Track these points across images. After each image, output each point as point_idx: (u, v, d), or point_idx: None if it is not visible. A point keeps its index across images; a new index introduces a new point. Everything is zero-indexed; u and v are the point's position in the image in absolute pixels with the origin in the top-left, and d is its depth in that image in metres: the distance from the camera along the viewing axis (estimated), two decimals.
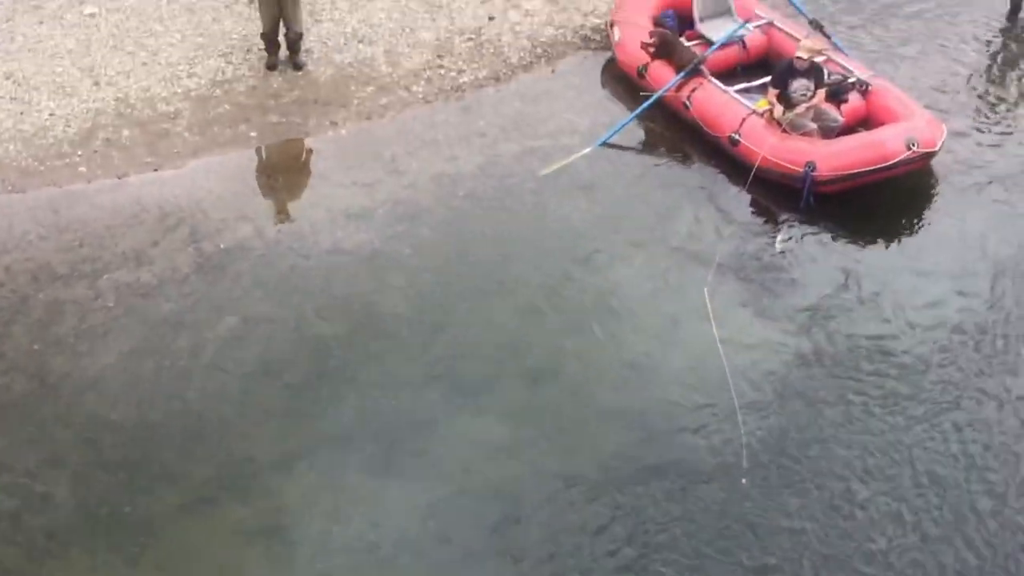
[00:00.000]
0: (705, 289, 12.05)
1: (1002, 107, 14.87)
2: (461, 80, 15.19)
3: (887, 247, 12.95)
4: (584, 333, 11.78)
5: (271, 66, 15.08)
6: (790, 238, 12.98)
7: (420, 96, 14.94)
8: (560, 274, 12.45)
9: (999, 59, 15.72)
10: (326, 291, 12.32)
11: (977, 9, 16.48)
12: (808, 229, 13.09)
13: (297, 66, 15.10)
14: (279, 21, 14.87)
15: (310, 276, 12.51)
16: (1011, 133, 14.41)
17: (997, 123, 14.60)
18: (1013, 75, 15.46)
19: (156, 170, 13.74)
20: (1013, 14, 16.23)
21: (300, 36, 15.05)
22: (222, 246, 12.80)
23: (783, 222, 13.18)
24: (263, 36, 15.01)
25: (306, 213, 13.35)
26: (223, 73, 15.05)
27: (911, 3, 16.69)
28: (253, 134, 14.28)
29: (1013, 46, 15.91)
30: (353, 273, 12.53)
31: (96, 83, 14.79)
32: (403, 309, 12.10)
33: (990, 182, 13.65)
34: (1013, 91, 15.16)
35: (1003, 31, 16.12)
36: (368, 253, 12.78)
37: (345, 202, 13.44)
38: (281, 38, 15.07)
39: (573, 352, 11.59)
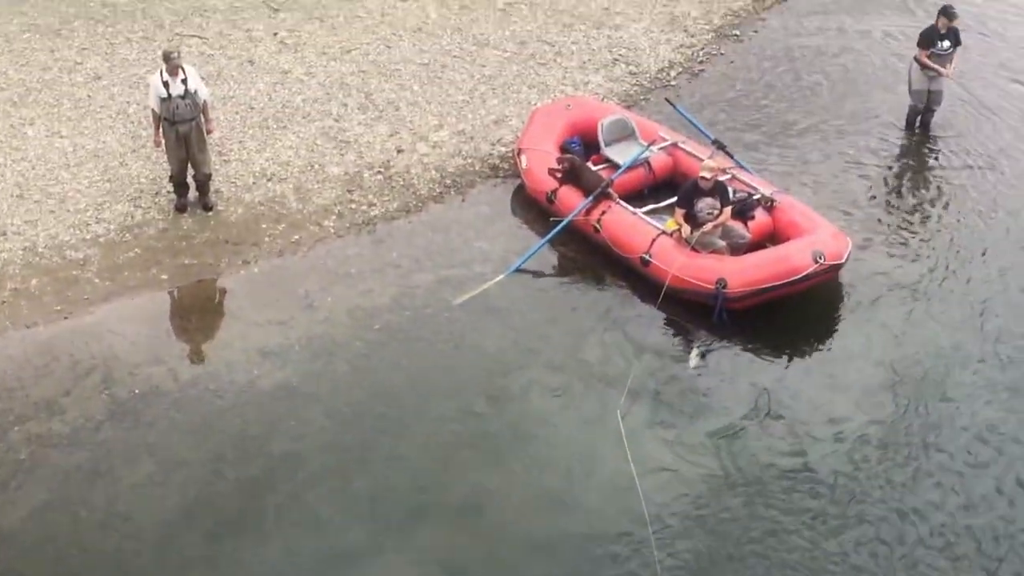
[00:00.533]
0: (619, 413, 12.09)
1: (900, 217, 15.21)
2: (372, 213, 15.26)
3: (797, 361, 13.09)
4: (503, 466, 11.72)
5: (181, 208, 15.07)
6: (703, 356, 13.08)
7: (332, 231, 14.97)
8: (478, 405, 12.42)
9: (895, 171, 16.13)
10: (244, 431, 12.17)
11: (871, 125, 16.95)
12: (720, 345, 13.23)
13: (207, 207, 15.11)
14: (187, 164, 14.90)
15: (227, 417, 12.35)
16: (907, 244, 14.71)
17: (897, 233, 14.92)
18: (908, 186, 15.85)
19: (66, 318, 13.57)
20: (908, 128, 16.69)
21: (208, 177, 15.08)
22: (136, 391, 12.62)
23: (695, 340, 13.30)
24: (172, 180, 15.01)
25: (221, 353, 13.24)
26: (132, 217, 14.99)
27: (808, 120, 17.14)
28: (164, 277, 14.19)
29: (907, 160, 16.33)
30: (271, 412, 12.40)
31: (2, 233, 14.65)
32: (323, 447, 11.97)
33: (893, 292, 13.92)
34: (910, 201, 15.53)
35: (898, 145, 16.55)
36: (285, 391, 12.67)
37: (260, 340, 13.35)
38: (190, 180, 15.07)
39: (493, 487, 11.52)
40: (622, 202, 14.56)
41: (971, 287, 13.93)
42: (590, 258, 14.59)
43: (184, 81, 14.45)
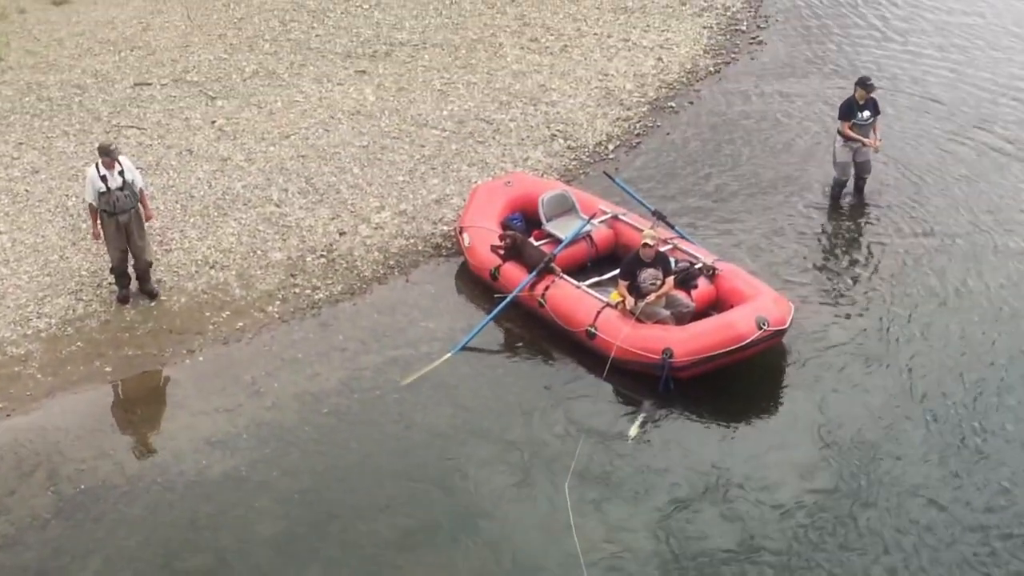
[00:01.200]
0: (567, 492, 12.05)
1: (837, 282, 15.37)
2: (316, 297, 15.24)
3: (743, 431, 13.14)
4: (455, 550, 11.63)
5: (123, 300, 15.00)
6: (644, 428, 13.10)
7: (276, 316, 14.93)
8: (429, 488, 12.35)
9: (830, 236, 16.32)
10: (194, 523, 12.03)
11: (806, 191, 17.16)
12: (667, 417, 13.29)
13: (151, 294, 15.05)
14: (127, 254, 14.86)
15: (176, 509, 12.21)
16: (844, 307, 14.86)
17: (835, 297, 15.08)
18: (843, 251, 16.03)
19: (8, 415, 13.40)
20: (833, 201, 16.85)
21: (149, 265, 15.03)
22: (83, 487, 12.46)
23: (640, 411, 13.32)
24: (112, 271, 14.95)
25: (168, 444, 13.10)
26: (74, 311, 14.88)
27: (745, 188, 17.35)
28: (108, 369, 14.07)
29: (840, 225, 16.53)
30: (220, 501, 12.27)
31: None
32: (274, 535, 11.85)
33: (834, 355, 14.05)
34: (845, 265, 15.70)
35: (832, 211, 16.75)
36: (234, 480, 12.55)
37: (207, 429, 13.24)
38: (131, 270, 14.99)
39: (446, 572, 11.44)
40: (565, 276, 14.64)
41: (906, 348, 14.09)
42: (536, 333, 14.63)
43: (121, 173, 14.50)
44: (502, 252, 15.02)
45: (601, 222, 15.59)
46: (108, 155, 14.43)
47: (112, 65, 20.36)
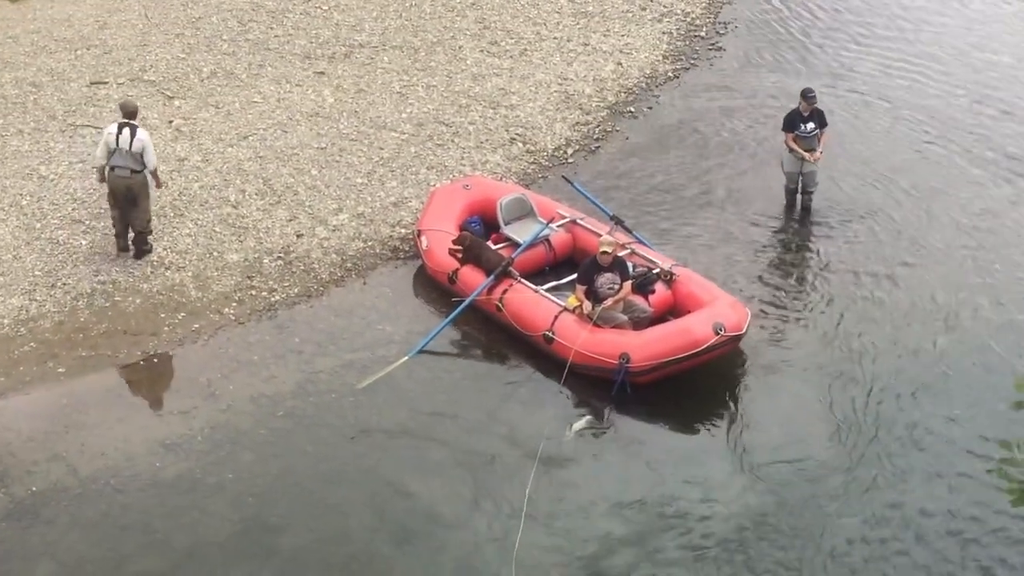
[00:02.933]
0: (526, 497, 12.06)
1: (792, 286, 15.49)
2: (273, 299, 15.16)
3: (698, 434, 13.20)
4: (408, 556, 11.60)
5: (122, 248, 15.62)
6: (588, 428, 13.17)
7: (232, 318, 14.84)
8: (385, 492, 12.32)
9: (784, 241, 16.40)
10: (147, 526, 11.94)
11: (762, 197, 17.18)
12: (623, 420, 13.33)
13: (139, 255, 15.55)
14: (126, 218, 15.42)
15: (129, 512, 12.12)
16: (799, 312, 14.98)
17: (792, 301, 15.18)
18: (798, 256, 16.12)
19: None
20: (789, 206, 16.88)
21: (144, 232, 15.49)
22: (34, 489, 12.33)
23: (591, 412, 13.35)
24: (114, 226, 15.58)
25: (121, 447, 12.98)
26: (27, 311, 14.73)
27: (702, 193, 17.42)
28: (61, 370, 13.94)
29: (794, 229, 16.59)
30: (174, 504, 12.19)
31: None
32: (228, 537, 11.79)
33: (790, 360, 14.16)
34: (800, 270, 15.82)
35: (786, 216, 16.81)
36: (189, 482, 12.47)
37: (162, 432, 13.14)
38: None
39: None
40: (523, 280, 14.63)
41: (858, 353, 14.19)
42: (493, 337, 14.62)
43: (132, 139, 14.96)
44: (460, 256, 15.00)
45: (559, 226, 15.61)
46: (127, 115, 15.07)
47: (68, 63, 20.17)
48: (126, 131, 15.03)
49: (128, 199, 15.19)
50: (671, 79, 20.44)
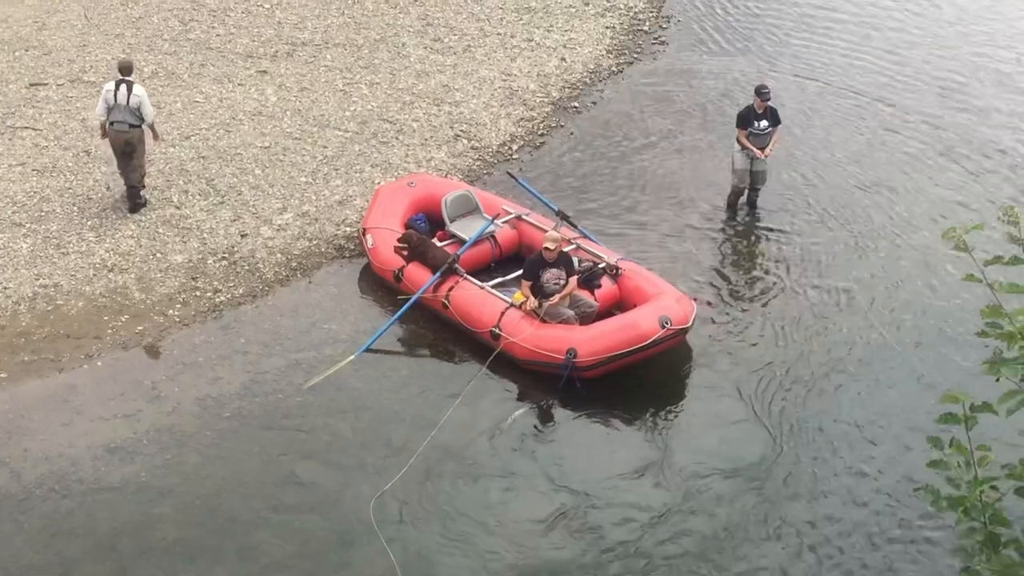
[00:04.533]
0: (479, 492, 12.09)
1: (738, 280, 15.57)
2: (218, 300, 15.06)
3: (645, 427, 13.24)
4: (356, 556, 11.56)
5: (134, 208, 16.39)
6: (526, 417, 13.28)
7: (177, 320, 14.73)
8: (332, 492, 12.26)
9: (730, 237, 16.46)
10: (93, 531, 11.82)
11: (707, 191, 17.25)
12: (570, 415, 13.36)
13: (133, 209, 16.28)
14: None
15: (74, 517, 12.00)
16: (745, 305, 15.06)
17: (738, 294, 15.28)
18: (743, 251, 16.20)
19: None
20: (729, 208, 16.86)
21: (137, 186, 16.24)
22: None
23: (540, 409, 13.42)
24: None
25: (66, 451, 12.85)
26: None
27: (647, 188, 17.47)
28: (3, 375, 13.78)
29: (740, 225, 16.65)
30: (120, 509, 12.08)
31: None
32: (175, 541, 11.69)
33: (736, 354, 14.22)
34: (745, 265, 15.88)
35: (727, 212, 16.84)
36: (134, 486, 12.36)
37: (107, 435, 13.02)
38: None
39: None
40: (469, 277, 14.62)
41: (802, 346, 14.30)
42: (440, 334, 14.60)
43: (129, 95, 15.74)
44: (405, 253, 14.96)
45: (505, 222, 15.60)
46: (124, 73, 15.92)
47: (6, 65, 19.94)
48: (123, 87, 15.82)
49: (126, 152, 15.96)
50: (615, 73, 20.49)
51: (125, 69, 16.04)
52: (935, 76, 20.54)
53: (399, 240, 15.02)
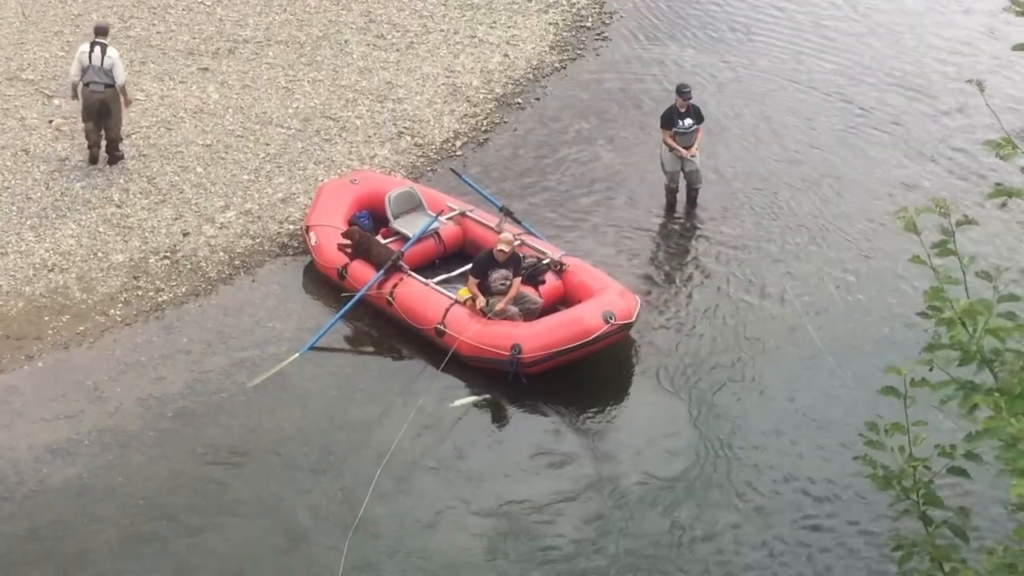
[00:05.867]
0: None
1: (682, 273, 15.69)
2: (160, 299, 14.95)
3: (590, 422, 13.32)
4: (303, 557, 11.57)
5: (92, 160, 16.91)
6: (472, 405, 13.39)
7: (119, 319, 14.61)
8: (277, 491, 12.24)
9: (673, 231, 16.55)
10: (34, 533, 11.75)
11: (649, 186, 17.25)
12: (515, 411, 13.46)
13: (114, 160, 16.93)
14: (99, 127, 16.67)
15: (16, 520, 11.91)
16: (688, 299, 15.17)
17: (681, 288, 15.38)
18: (686, 244, 16.31)
19: None
20: (669, 207, 16.81)
21: (117, 140, 16.90)
22: None
23: (487, 407, 13.47)
24: (87, 138, 16.84)
25: (6, 453, 12.73)
26: None
27: (590, 184, 17.47)
28: None
29: (681, 221, 16.71)
30: (62, 511, 12.00)
31: None
32: (119, 542, 11.63)
33: (679, 348, 14.33)
34: (688, 259, 15.98)
35: (665, 210, 16.86)
36: (77, 487, 12.27)
37: (48, 437, 12.91)
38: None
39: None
40: (413, 274, 14.60)
41: (743, 340, 14.41)
42: (385, 331, 14.59)
43: (103, 56, 16.21)
44: (349, 251, 14.92)
45: (448, 219, 15.60)
46: (99, 35, 16.40)
47: None
48: (97, 49, 16.29)
49: (102, 112, 16.48)
50: (558, 70, 20.50)
51: (101, 31, 16.55)
52: (882, 66, 20.65)
53: (343, 236, 14.98)
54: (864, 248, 16.02)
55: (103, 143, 16.87)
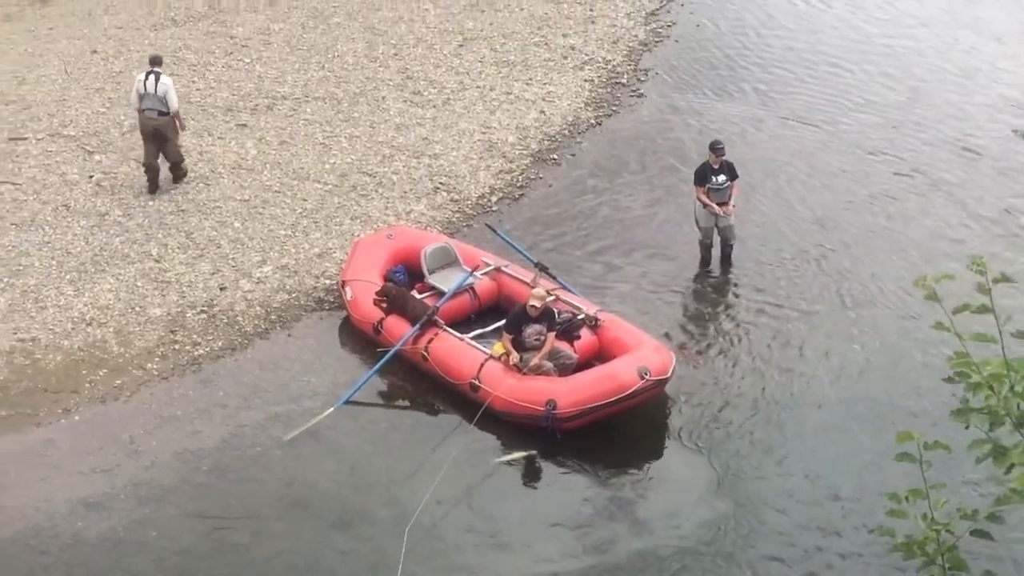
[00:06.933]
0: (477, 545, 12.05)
1: (717, 330, 15.57)
2: (197, 353, 15.03)
3: (625, 478, 13.24)
4: None
5: (151, 190, 17.84)
6: (519, 461, 13.34)
7: (156, 373, 14.69)
8: (312, 547, 12.20)
9: (707, 285, 16.51)
10: None
11: (685, 244, 17.23)
12: (550, 466, 13.38)
13: (177, 179, 18.04)
14: (157, 151, 17.59)
15: (52, 573, 11.93)
16: (723, 356, 15.08)
17: (716, 345, 15.28)
18: (720, 300, 16.25)
19: None
20: (704, 263, 16.77)
21: (179, 161, 17.94)
22: None
23: (525, 460, 13.42)
24: (144, 165, 17.77)
25: (42, 506, 12.78)
26: None
27: (626, 241, 17.45)
28: None
29: (716, 273, 16.68)
30: (97, 565, 12.03)
31: None
32: None
33: (714, 404, 14.21)
34: (724, 314, 15.91)
35: (700, 266, 16.78)
36: (112, 542, 12.30)
37: (84, 490, 12.96)
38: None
39: None
40: (449, 329, 14.62)
41: (777, 397, 14.30)
42: (420, 386, 14.60)
43: (157, 85, 17.21)
44: (385, 305, 14.96)
45: (484, 274, 15.63)
46: (154, 64, 17.55)
47: None
48: (151, 77, 17.30)
49: (157, 137, 17.47)
50: (593, 126, 20.60)
51: (155, 61, 17.70)
52: (926, 121, 20.55)
53: (378, 292, 15.03)
54: (900, 309, 15.72)
55: (161, 170, 17.80)
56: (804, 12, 24.85)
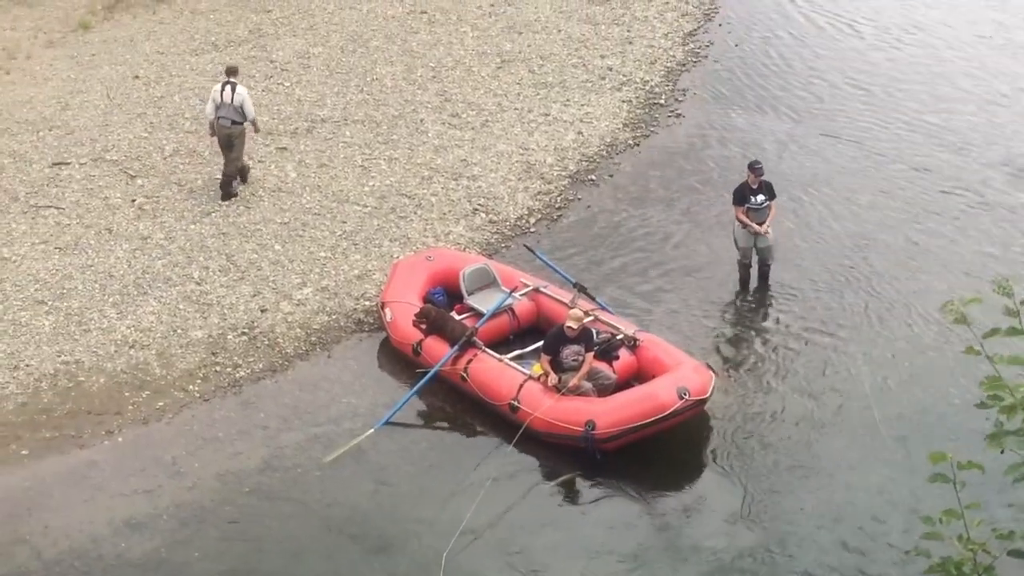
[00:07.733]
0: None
1: (756, 349, 15.52)
2: (238, 375, 15.13)
3: (666, 499, 13.22)
4: None
5: (225, 196, 18.51)
6: (568, 485, 13.32)
7: (197, 395, 14.80)
8: (351, 568, 12.25)
9: (746, 305, 16.47)
10: None
11: (723, 265, 17.19)
12: (591, 486, 13.36)
13: (228, 196, 18.41)
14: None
15: None
16: (760, 374, 15.04)
17: (756, 364, 15.23)
18: (759, 319, 16.19)
19: None
20: (742, 284, 16.74)
21: (235, 175, 18.48)
22: None
23: (566, 481, 13.41)
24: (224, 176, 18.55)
25: (86, 528, 12.89)
26: None
27: (664, 261, 17.45)
28: (25, 452, 13.86)
29: (755, 292, 16.64)
30: None
31: None
32: None
33: (754, 424, 14.18)
34: (763, 333, 15.85)
35: (739, 287, 16.76)
36: (155, 562, 12.39)
37: (127, 511, 13.07)
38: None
39: None
40: (487, 350, 14.66)
41: (818, 419, 14.23)
42: (459, 407, 14.63)
43: (232, 95, 17.91)
44: (423, 327, 15.01)
45: (523, 295, 15.67)
46: (230, 75, 18.21)
47: (30, 145, 20.21)
48: (228, 88, 18.00)
49: (227, 145, 18.08)
50: (631, 146, 20.61)
51: (232, 71, 18.35)
52: (976, 140, 20.38)
53: (417, 314, 15.09)
54: (938, 333, 15.57)
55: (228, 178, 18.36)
56: (837, 34, 24.77)
